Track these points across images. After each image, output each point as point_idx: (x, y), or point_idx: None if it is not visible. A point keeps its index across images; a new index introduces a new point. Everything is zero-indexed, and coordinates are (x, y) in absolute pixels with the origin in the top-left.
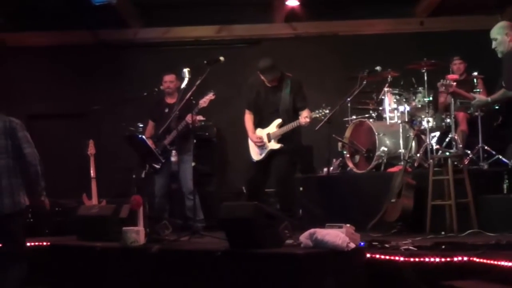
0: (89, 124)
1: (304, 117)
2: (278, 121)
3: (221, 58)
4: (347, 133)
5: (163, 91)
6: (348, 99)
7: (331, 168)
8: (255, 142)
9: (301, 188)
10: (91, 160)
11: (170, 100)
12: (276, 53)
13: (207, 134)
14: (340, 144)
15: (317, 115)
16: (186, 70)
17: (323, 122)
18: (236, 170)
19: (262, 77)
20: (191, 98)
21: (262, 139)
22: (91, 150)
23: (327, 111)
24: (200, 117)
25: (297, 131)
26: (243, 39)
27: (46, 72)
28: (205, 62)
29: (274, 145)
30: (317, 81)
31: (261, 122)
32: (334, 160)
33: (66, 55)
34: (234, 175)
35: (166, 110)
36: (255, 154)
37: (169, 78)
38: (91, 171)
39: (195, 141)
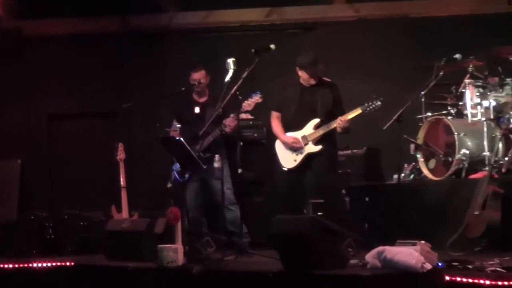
0: (119, 125)
1: (340, 119)
2: (315, 121)
3: (272, 46)
4: (421, 133)
5: (192, 88)
6: (422, 93)
7: (402, 174)
8: (291, 144)
9: (366, 199)
10: (121, 166)
11: (200, 99)
12: (334, 40)
13: (255, 135)
14: (412, 146)
15: (366, 109)
16: (230, 61)
17: (392, 120)
18: None
19: (300, 74)
20: (237, 93)
21: (299, 140)
22: (121, 154)
23: (379, 103)
24: (247, 116)
25: (334, 133)
26: (297, 24)
27: (69, 65)
28: (252, 51)
29: (312, 148)
30: (383, 72)
31: (292, 124)
32: (405, 165)
33: (91, 45)
34: None
35: (197, 111)
36: (288, 161)
37: (198, 75)
38: (121, 179)
39: (241, 143)
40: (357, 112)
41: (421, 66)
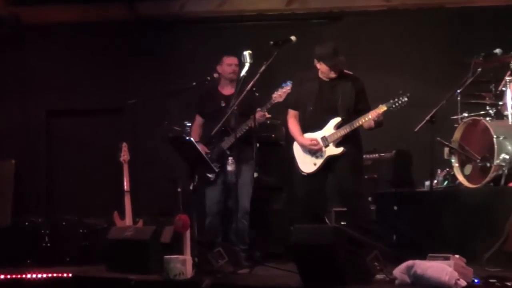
0: (123, 123)
1: (376, 112)
2: (336, 120)
3: (292, 38)
4: (456, 136)
5: (217, 79)
6: (458, 91)
7: (435, 181)
8: (308, 146)
9: (395, 207)
10: (125, 168)
11: (227, 91)
12: (362, 31)
13: (273, 136)
14: (446, 150)
15: (392, 106)
16: (246, 53)
17: (424, 121)
18: None
19: (319, 66)
20: (253, 89)
21: (318, 142)
22: (125, 155)
23: (405, 99)
24: (265, 114)
25: (358, 133)
26: (320, 13)
27: (70, 57)
28: (271, 43)
29: (333, 150)
30: (415, 67)
31: (311, 123)
32: (438, 171)
33: (95, 35)
34: None
35: (223, 104)
36: (307, 165)
37: (232, 60)
38: (125, 183)
39: (258, 145)
40: (382, 109)
41: (457, 61)
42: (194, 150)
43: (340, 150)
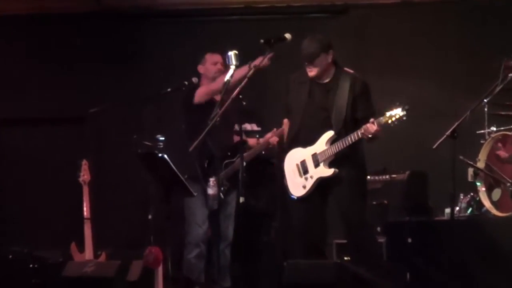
0: (84, 135)
1: (371, 122)
2: (329, 134)
3: (287, 36)
4: (483, 154)
5: (196, 84)
6: (485, 100)
7: (457, 208)
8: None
9: (409, 239)
10: (85, 190)
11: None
12: (371, 28)
13: (262, 152)
14: (471, 171)
15: (389, 120)
16: (232, 54)
17: (445, 136)
18: None
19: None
20: (240, 96)
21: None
22: (85, 175)
23: (403, 113)
24: (253, 126)
25: (359, 150)
26: (321, 6)
27: (20, 55)
28: (261, 41)
29: (323, 171)
30: (433, 71)
31: (303, 136)
32: (461, 196)
33: (51, 30)
34: None
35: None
36: (296, 187)
37: (217, 57)
38: (84, 208)
39: (244, 163)
40: (372, 128)
41: (483, 64)
42: (168, 169)
43: (330, 171)
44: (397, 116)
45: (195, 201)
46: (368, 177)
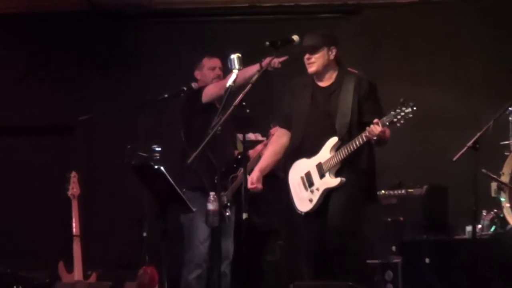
0: (73, 145)
1: (375, 123)
2: (333, 140)
3: (295, 38)
4: (507, 167)
5: (197, 89)
6: (510, 109)
7: (479, 226)
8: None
9: (427, 260)
10: (74, 205)
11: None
12: (385, 29)
13: None
14: (494, 185)
15: (394, 119)
16: (234, 57)
17: (466, 148)
18: None
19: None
20: (243, 103)
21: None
22: (74, 188)
23: (409, 109)
24: (257, 136)
25: (371, 154)
26: (332, 6)
27: (7, 58)
28: (267, 43)
29: (330, 181)
30: (452, 75)
31: (306, 146)
32: (483, 213)
33: (41, 31)
34: None
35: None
36: (303, 202)
37: (215, 62)
38: (74, 224)
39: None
40: (376, 130)
41: (508, 69)
42: (165, 183)
43: (337, 181)
44: (403, 114)
45: (196, 216)
46: (383, 191)
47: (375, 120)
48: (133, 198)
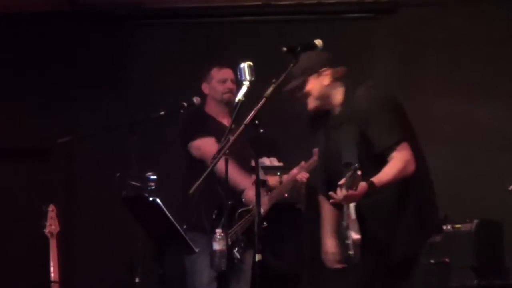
0: (50, 173)
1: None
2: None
3: (317, 43)
4: None
5: (199, 105)
6: None
7: None
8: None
9: None
10: (52, 245)
11: (223, 117)
12: (424, 31)
13: (285, 195)
14: None
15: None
16: (245, 66)
17: None
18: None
19: None
20: (256, 122)
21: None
22: (52, 225)
23: (351, 172)
24: (273, 161)
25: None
26: (362, 4)
27: None
28: (284, 49)
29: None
30: (502, 88)
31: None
32: None
33: (17, 35)
34: None
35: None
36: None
37: (227, 73)
38: (51, 268)
39: (262, 210)
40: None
41: None
42: (162, 218)
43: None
44: (349, 178)
45: (200, 258)
46: None
47: (340, 183)
48: (123, 236)
